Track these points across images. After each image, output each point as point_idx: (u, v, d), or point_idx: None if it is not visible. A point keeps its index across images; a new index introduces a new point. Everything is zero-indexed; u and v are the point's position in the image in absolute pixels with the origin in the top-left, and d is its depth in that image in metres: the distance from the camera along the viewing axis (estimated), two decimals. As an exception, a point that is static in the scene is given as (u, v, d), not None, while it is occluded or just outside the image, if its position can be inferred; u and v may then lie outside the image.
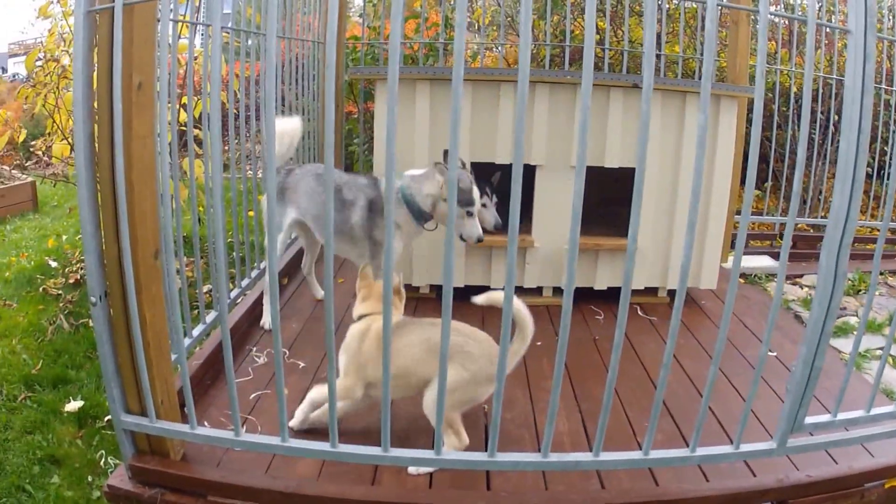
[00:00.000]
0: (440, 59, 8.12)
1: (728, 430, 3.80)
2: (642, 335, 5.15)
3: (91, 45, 2.87)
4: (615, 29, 9.80)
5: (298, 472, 3.41)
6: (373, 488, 3.34)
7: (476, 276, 5.73)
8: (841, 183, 2.94)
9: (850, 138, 2.90)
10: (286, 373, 4.32)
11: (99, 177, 2.96)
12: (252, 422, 3.84)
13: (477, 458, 3.12)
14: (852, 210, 2.96)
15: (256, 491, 3.26)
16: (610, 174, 5.42)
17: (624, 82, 5.42)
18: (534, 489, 3.37)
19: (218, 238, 3.05)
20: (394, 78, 2.56)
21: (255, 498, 3.26)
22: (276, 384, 3.07)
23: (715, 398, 4.12)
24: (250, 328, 5.04)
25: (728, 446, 3.32)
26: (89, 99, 2.91)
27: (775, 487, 3.48)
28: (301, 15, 6.62)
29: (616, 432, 3.84)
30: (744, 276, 7.33)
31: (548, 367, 4.66)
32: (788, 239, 3.04)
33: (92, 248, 3.03)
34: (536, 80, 5.33)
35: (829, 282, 3.04)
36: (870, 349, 5.75)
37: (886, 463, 3.73)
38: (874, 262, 3.31)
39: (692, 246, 2.88)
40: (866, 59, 2.81)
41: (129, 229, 2.93)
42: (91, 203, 2.98)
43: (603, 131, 5.45)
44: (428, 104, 5.34)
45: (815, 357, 3.17)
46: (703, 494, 3.40)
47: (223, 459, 3.49)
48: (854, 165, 2.91)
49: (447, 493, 3.31)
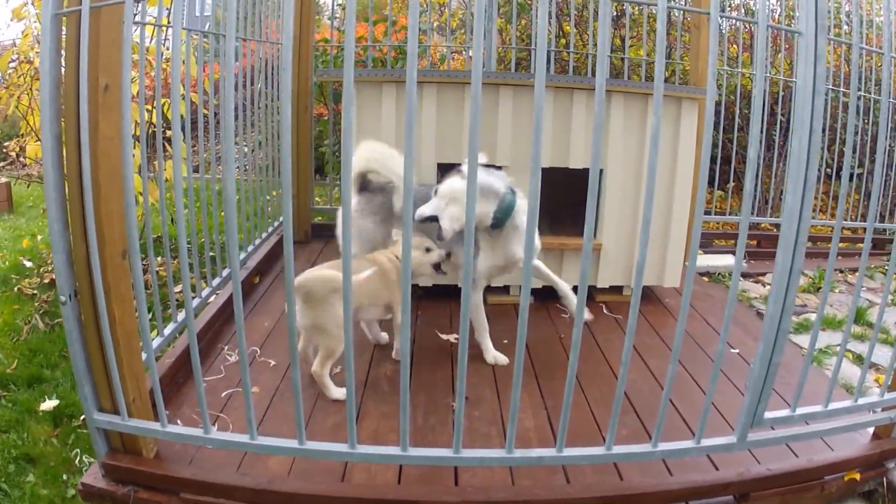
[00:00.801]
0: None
1: (691, 426, 3.82)
2: (608, 333, 5.17)
3: (59, 48, 2.87)
4: (581, 33, 9.88)
5: (270, 469, 3.41)
6: (342, 485, 3.33)
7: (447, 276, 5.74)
8: (793, 182, 2.98)
9: (802, 138, 2.93)
10: (258, 371, 4.39)
11: (67, 177, 2.96)
12: (224, 419, 3.84)
13: (443, 454, 3.16)
14: (805, 209, 2.99)
15: (227, 488, 3.26)
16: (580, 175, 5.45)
17: (587, 84, 5.47)
18: (501, 484, 3.38)
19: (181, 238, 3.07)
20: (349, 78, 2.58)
21: (226, 495, 3.25)
22: (243, 383, 3.07)
23: (679, 394, 4.17)
24: (223, 326, 5.03)
25: (690, 441, 3.35)
26: (57, 100, 2.91)
27: (737, 481, 3.51)
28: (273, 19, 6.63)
29: (582, 428, 3.87)
30: (708, 275, 7.42)
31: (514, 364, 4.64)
32: (743, 236, 3.07)
33: (60, 247, 3.02)
34: (501, 82, 5.39)
35: (785, 279, 3.08)
36: (830, 345, 5.83)
37: (845, 456, 3.79)
38: (829, 260, 3.35)
39: (647, 244, 2.92)
40: (817, 60, 2.83)
41: (97, 229, 2.93)
42: (59, 203, 2.98)
43: (567, 133, 5.50)
44: (394, 106, 5.35)
45: (773, 353, 3.20)
46: (666, 488, 3.43)
47: (195, 457, 3.48)
48: (806, 165, 2.94)
49: (415, 489, 3.31)
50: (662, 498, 3.43)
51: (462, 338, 2.91)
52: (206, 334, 4.80)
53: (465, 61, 10.25)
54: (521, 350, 2.98)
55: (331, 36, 8.40)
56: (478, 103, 2.67)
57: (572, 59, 8.52)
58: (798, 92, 2.92)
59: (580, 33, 9.93)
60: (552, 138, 5.49)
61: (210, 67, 5.37)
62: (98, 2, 2.75)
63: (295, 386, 3.02)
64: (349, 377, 2.96)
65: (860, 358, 5.72)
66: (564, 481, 3.45)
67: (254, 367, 4.44)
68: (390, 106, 5.35)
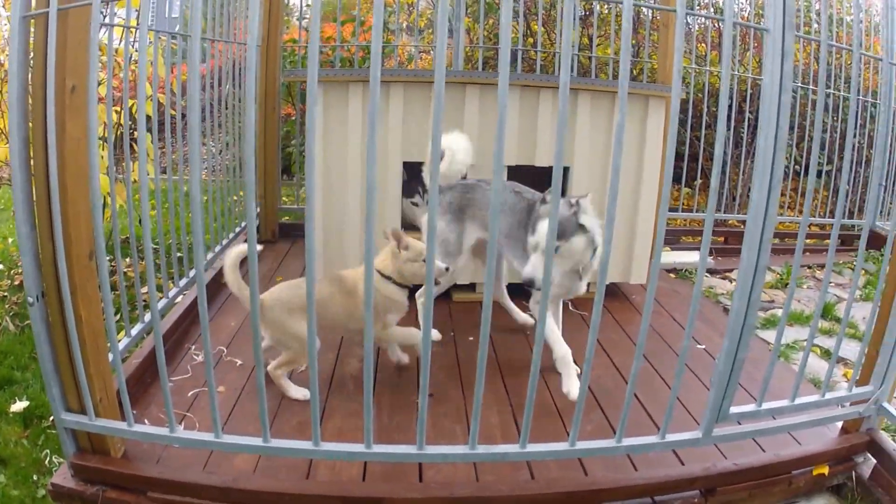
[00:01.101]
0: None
1: (657, 421, 3.87)
2: (574, 331, 5.11)
3: (27, 49, 2.87)
4: (548, 31, 9.96)
5: (236, 468, 3.42)
6: (307, 482, 3.35)
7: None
8: (759, 179, 3.01)
9: (768, 135, 2.96)
10: (224, 371, 4.40)
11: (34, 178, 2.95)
12: (190, 419, 3.85)
13: (406, 451, 3.17)
14: (771, 206, 3.02)
15: (193, 486, 3.27)
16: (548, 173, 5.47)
17: (553, 83, 5.50)
18: (465, 480, 3.40)
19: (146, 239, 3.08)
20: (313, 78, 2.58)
21: (192, 493, 3.26)
22: (208, 382, 3.09)
23: (645, 390, 4.23)
24: (190, 326, 5.02)
25: (654, 436, 3.38)
26: (24, 101, 2.90)
27: (702, 476, 3.55)
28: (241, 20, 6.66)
29: (548, 425, 3.90)
30: (675, 272, 7.49)
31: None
32: (709, 232, 3.10)
33: (27, 248, 3.01)
34: (467, 81, 5.43)
35: (750, 276, 3.11)
36: (798, 340, 5.87)
37: (813, 450, 3.83)
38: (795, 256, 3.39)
39: (611, 241, 2.96)
40: (784, 57, 2.86)
41: (63, 230, 2.93)
42: (26, 204, 2.98)
43: (533, 131, 5.55)
44: (361, 106, 5.36)
45: (738, 349, 3.24)
46: (630, 483, 3.46)
47: (163, 456, 3.49)
48: (772, 162, 2.98)
49: (380, 486, 3.34)
50: (627, 493, 3.45)
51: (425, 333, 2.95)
52: (173, 334, 4.80)
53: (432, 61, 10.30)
54: (484, 347, 2.97)
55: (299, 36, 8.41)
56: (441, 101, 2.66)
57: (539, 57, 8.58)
58: (764, 89, 2.94)
59: (548, 32, 10.02)
60: (518, 136, 5.54)
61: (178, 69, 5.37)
62: (66, 4, 2.75)
63: (259, 385, 3.03)
64: (313, 376, 2.99)
65: (828, 353, 5.77)
66: (529, 477, 3.47)
67: (220, 367, 4.46)
68: (357, 106, 5.35)
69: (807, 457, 3.81)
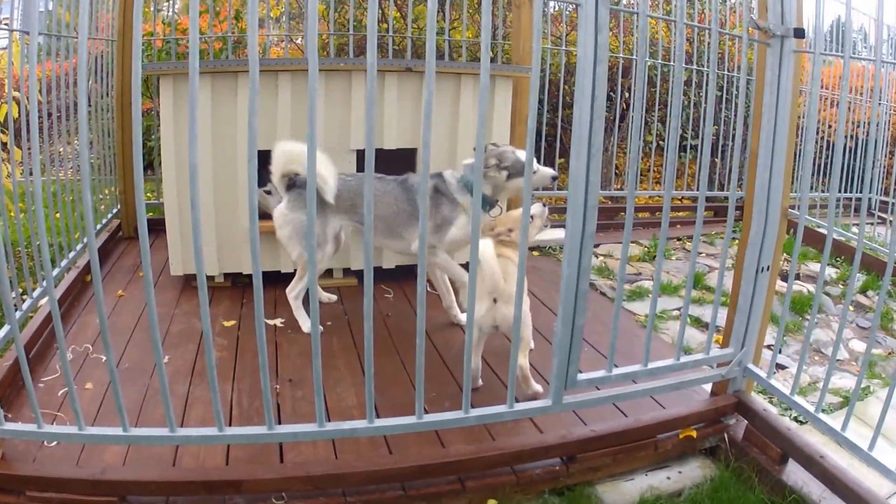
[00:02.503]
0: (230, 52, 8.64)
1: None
2: (429, 309, 5.36)
3: None
4: (403, 17, 10.37)
5: (105, 461, 3.66)
6: (172, 469, 3.63)
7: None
8: (576, 148, 3.33)
9: (584, 106, 3.27)
10: (91, 368, 4.67)
11: None
12: (62, 418, 4.08)
13: (258, 431, 3.47)
14: (592, 174, 3.35)
15: (65, 481, 3.50)
16: (397, 156, 5.93)
17: (397, 67, 5.92)
18: (323, 460, 3.70)
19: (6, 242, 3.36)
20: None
21: (65, 488, 3.49)
22: (65, 376, 3.39)
23: (503, 364, 4.42)
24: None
25: (503, 406, 3.69)
26: None
27: (559, 443, 3.89)
28: (105, 12, 6.92)
29: (406, 402, 4.12)
30: (538, 249, 7.98)
31: (336, 345, 5.11)
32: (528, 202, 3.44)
33: None
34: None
35: (577, 243, 3.46)
36: (666, 310, 6.38)
37: (677, 414, 4.20)
38: (661, 228, 3.75)
39: (426, 216, 3.31)
40: (598, 29, 3.19)
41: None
42: None
43: (381, 115, 5.94)
44: (210, 97, 5.66)
45: (575, 315, 3.57)
46: (486, 454, 3.79)
47: (38, 456, 3.70)
48: (589, 131, 3.30)
49: (241, 468, 3.62)
50: (484, 463, 3.78)
51: (258, 317, 3.25)
52: (42, 334, 5.00)
53: (293, 49, 10.88)
54: (316, 329, 3.33)
55: (154, 29, 8.57)
56: (256, 86, 3.10)
57: (391, 42, 9.11)
58: (579, 61, 3.23)
59: (402, 17, 10.50)
60: (363, 121, 5.87)
61: (43, 67, 5.65)
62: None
63: (112, 376, 3.31)
64: (159, 362, 3.29)
65: (698, 321, 6.31)
66: (387, 453, 3.78)
67: (87, 364, 4.71)
68: (206, 96, 5.60)
69: (670, 420, 4.16)
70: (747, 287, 4.08)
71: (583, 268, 3.50)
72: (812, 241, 8.67)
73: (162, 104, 5.72)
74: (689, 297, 4.13)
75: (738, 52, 10.03)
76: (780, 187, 3.86)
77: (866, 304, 7.46)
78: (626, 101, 9.50)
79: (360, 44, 9.33)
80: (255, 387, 4.45)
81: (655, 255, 7.72)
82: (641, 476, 4.09)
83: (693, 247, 4.05)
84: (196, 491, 3.55)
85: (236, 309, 5.82)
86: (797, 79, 3.80)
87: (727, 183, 10.49)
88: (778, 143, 3.78)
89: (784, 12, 3.65)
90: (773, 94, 3.73)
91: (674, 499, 3.96)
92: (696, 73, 9.69)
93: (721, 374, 4.26)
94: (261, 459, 3.74)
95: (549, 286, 6.50)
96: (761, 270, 4.03)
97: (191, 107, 2.88)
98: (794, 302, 6.95)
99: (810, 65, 6.78)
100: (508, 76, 6.22)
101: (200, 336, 5.13)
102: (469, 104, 6.09)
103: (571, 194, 3.40)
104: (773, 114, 3.74)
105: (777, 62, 3.71)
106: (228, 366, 4.76)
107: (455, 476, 3.77)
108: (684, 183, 9.98)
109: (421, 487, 3.70)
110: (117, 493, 3.51)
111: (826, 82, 10.80)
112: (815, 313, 4.03)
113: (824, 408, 3.92)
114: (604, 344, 4.74)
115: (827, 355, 6.22)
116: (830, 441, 3.98)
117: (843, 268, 8.36)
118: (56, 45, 5.80)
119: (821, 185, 10.47)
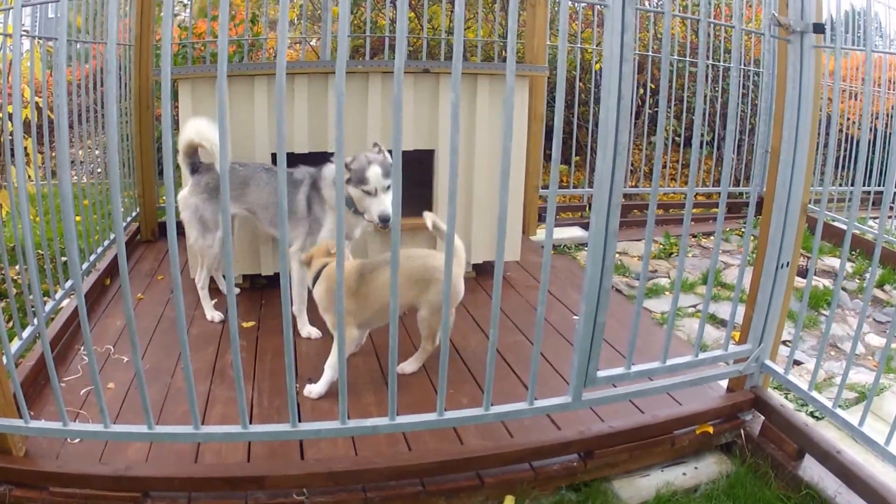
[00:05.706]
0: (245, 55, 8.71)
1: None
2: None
3: None
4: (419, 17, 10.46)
5: (128, 458, 3.75)
6: (194, 466, 3.71)
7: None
8: (603, 148, 3.38)
9: (610, 105, 3.33)
10: (113, 368, 4.75)
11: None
12: (84, 416, 4.16)
13: (281, 429, 3.56)
14: (617, 172, 3.41)
15: (88, 477, 3.57)
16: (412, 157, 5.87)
17: (415, 68, 5.91)
18: (343, 456, 3.77)
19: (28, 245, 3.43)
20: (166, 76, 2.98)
21: (88, 484, 3.55)
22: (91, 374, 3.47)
23: (520, 361, 4.63)
24: (79, 328, 5.20)
25: (523, 403, 3.78)
26: None
27: (578, 439, 3.94)
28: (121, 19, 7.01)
29: (424, 400, 4.28)
30: (554, 247, 7.93)
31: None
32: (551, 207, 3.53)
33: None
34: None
35: (601, 240, 3.51)
36: (681, 307, 6.44)
37: (693, 410, 4.24)
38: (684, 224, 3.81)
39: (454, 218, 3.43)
40: (624, 30, 3.25)
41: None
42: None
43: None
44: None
45: (597, 312, 3.64)
46: (505, 450, 3.86)
47: (61, 452, 3.78)
48: (616, 130, 3.35)
49: (263, 465, 3.70)
50: (502, 459, 3.84)
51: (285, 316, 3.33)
52: (63, 336, 5.08)
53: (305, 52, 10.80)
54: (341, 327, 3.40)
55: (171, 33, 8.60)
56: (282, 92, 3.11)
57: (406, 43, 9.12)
58: (605, 61, 3.30)
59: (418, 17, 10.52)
60: (382, 122, 5.98)
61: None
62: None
63: (139, 373, 3.40)
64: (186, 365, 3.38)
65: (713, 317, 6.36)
66: (406, 449, 3.87)
67: (109, 365, 4.79)
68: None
69: (687, 416, 4.21)
70: (766, 283, 4.12)
71: (606, 265, 3.57)
72: (826, 234, 8.62)
73: (181, 108, 5.76)
74: (709, 294, 4.18)
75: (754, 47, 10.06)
76: (801, 182, 3.91)
77: (883, 299, 7.48)
78: (640, 98, 9.51)
79: (375, 45, 9.33)
80: (274, 387, 4.54)
81: (670, 252, 7.80)
82: (657, 472, 4.14)
83: (715, 243, 4.11)
84: (218, 487, 3.62)
85: (255, 310, 5.89)
86: (819, 74, 3.84)
87: (742, 179, 10.55)
88: (801, 138, 3.83)
89: (804, 8, 3.69)
90: (794, 89, 3.77)
91: (690, 494, 4.00)
92: (710, 68, 9.76)
93: (739, 370, 4.29)
94: (281, 456, 3.82)
95: (566, 284, 6.58)
96: (781, 266, 4.07)
97: (220, 115, 2.94)
98: (810, 297, 6.94)
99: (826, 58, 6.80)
100: (525, 76, 6.21)
101: (219, 337, 5.26)
102: (485, 104, 6.10)
103: (597, 192, 3.46)
104: (794, 110, 3.78)
105: (798, 58, 3.76)
106: (248, 366, 4.83)
107: (473, 472, 3.83)
108: (699, 179, 10.03)
109: (440, 483, 3.76)
110: (140, 488, 3.58)
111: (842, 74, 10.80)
112: (834, 308, 4.06)
113: (840, 403, 3.94)
114: (618, 340, 4.84)
115: (842, 350, 6.26)
116: (846, 436, 4.03)
117: (857, 261, 8.37)
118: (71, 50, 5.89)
119: (838, 179, 10.40)
